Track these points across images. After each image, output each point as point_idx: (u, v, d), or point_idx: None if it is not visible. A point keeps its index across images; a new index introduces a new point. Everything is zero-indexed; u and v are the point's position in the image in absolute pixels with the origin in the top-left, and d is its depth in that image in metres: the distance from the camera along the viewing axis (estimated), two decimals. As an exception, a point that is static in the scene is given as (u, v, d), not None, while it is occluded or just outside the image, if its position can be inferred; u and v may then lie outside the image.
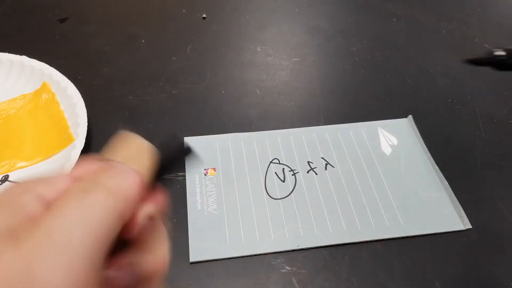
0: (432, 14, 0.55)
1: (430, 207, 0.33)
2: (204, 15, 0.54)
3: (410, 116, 0.40)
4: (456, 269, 0.29)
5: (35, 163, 0.35)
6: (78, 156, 0.34)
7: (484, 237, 0.32)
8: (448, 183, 0.34)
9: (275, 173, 0.36)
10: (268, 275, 0.29)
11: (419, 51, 0.49)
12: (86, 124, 0.36)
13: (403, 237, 0.31)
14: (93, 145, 0.38)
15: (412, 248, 0.31)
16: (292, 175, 0.36)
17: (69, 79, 0.41)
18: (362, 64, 0.47)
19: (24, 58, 0.43)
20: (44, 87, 0.41)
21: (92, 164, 0.16)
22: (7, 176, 0.35)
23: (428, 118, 0.40)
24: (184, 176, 0.35)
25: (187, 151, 0.19)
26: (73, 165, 0.33)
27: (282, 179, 0.35)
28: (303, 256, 0.30)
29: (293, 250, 0.30)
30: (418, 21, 0.54)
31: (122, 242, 0.16)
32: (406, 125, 0.40)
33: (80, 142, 0.35)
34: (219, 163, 0.36)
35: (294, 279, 0.29)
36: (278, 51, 0.49)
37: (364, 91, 0.44)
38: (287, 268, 0.29)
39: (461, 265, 0.30)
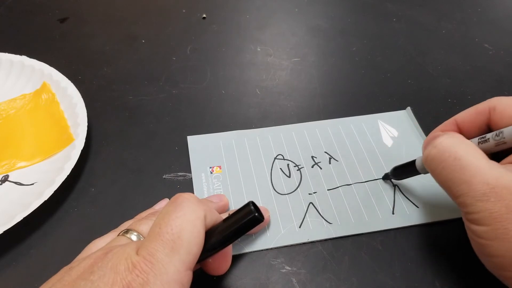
0: (432, 14, 0.55)
1: (433, 195, 0.34)
2: (204, 15, 0.54)
3: (409, 107, 0.41)
4: (456, 268, 0.29)
5: (35, 163, 0.35)
6: (78, 156, 0.34)
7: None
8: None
9: (280, 169, 0.36)
10: (268, 275, 0.29)
11: (419, 51, 0.49)
12: (86, 124, 0.36)
13: (406, 231, 0.31)
14: (93, 145, 0.38)
15: (412, 248, 0.31)
16: (297, 170, 0.36)
17: (69, 79, 0.41)
18: (362, 64, 0.47)
19: (24, 58, 0.43)
20: (44, 87, 0.41)
21: None
22: (7, 176, 0.35)
23: (428, 118, 0.40)
24: (184, 176, 0.35)
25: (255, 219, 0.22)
26: (73, 165, 0.33)
27: (288, 175, 0.35)
28: (303, 256, 0.30)
29: (299, 244, 0.30)
30: (418, 21, 0.54)
31: None
32: (405, 117, 0.40)
33: (80, 142, 0.35)
34: (224, 160, 0.36)
35: (294, 279, 0.29)
36: (278, 51, 0.49)
37: (364, 91, 0.44)
38: (287, 268, 0.29)
39: (461, 264, 0.30)
